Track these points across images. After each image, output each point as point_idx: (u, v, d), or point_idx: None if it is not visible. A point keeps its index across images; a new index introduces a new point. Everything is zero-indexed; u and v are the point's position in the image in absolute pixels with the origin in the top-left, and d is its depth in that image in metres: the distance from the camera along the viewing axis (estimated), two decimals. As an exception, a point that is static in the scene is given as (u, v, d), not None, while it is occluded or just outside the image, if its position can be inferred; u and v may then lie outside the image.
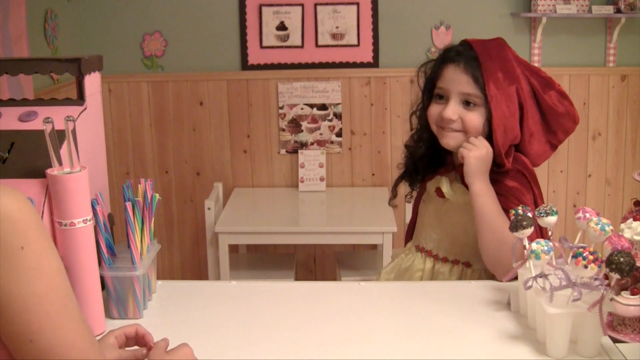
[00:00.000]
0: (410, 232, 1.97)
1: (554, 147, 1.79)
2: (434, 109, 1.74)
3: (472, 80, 1.68)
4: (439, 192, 1.78)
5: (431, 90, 1.78)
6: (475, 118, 1.69)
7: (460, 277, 1.76)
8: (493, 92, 1.67)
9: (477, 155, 1.65)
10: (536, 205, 1.70)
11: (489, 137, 1.70)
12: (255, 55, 3.73)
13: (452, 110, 1.69)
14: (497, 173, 1.70)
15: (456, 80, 1.70)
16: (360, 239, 3.34)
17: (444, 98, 1.73)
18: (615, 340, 1.30)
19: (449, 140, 1.72)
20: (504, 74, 1.69)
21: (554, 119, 1.74)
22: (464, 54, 1.71)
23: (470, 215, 1.70)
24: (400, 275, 1.85)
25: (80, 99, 1.47)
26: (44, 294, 0.87)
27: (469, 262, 1.75)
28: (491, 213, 1.62)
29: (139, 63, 3.75)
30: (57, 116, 1.31)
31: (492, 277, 1.66)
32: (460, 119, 1.69)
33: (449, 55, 1.74)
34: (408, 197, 1.99)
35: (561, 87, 1.76)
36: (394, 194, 1.95)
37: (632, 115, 3.76)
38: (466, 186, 1.69)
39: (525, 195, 1.69)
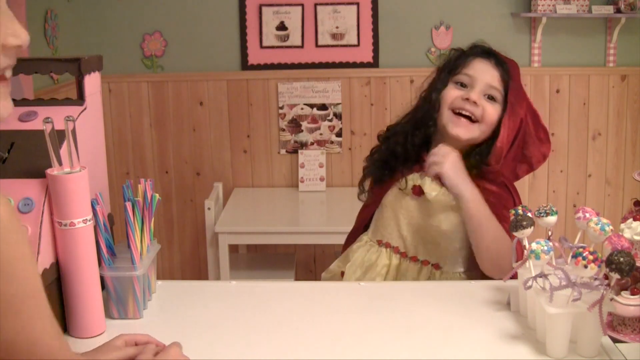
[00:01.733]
0: (358, 233, 1.94)
1: (516, 178, 1.81)
2: (453, 92, 1.74)
3: (499, 77, 1.72)
4: (417, 190, 1.76)
5: (448, 76, 1.78)
6: (494, 111, 1.71)
7: (429, 279, 1.75)
8: (511, 98, 1.70)
9: (450, 164, 1.62)
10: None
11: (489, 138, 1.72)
12: (255, 55, 3.73)
13: (478, 96, 1.71)
14: (482, 178, 1.70)
15: (487, 72, 1.73)
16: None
17: (466, 87, 1.74)
18: (615, 340, 1.30)
19: (460, 130, 1.71)
20: (519, 93, 1.74)
21: (532, 150, 1.77)
22: (494, 54, 1.76)
23: (447, 217, 1.71)
24: (366, 272, 1.82)
25: (80, 99, 1.47)
26: (14, 297, 0.87)
27: (439, 264, 1.75)
28: (488, 217, 1.62)
29: (139, 63, 3.75)
30: (57, 116, 1.31)
31: (457, 281, 1.67)
32: (482, 108, 1.70)
33: (478, 50, 1.77)
34: (362, 194, 1.93)
35: (545, 127, 1.80)
36: (360, 189, 1.92)
37: (632, 115, 3.76)
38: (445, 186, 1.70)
39: (510, 203, 1.70)
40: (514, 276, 1.40)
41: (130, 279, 1.40)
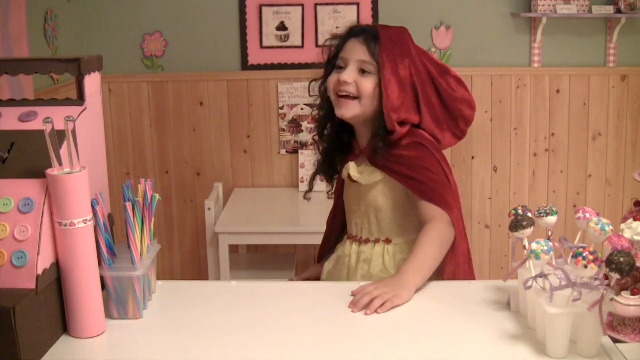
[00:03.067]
0: (330, 236, 2.05)
1: (456, 136, 1.87)
2: (333, 77, 1.83)
3: (367, 50, 1.77)
4: (350, 178, 1.84)
5: (330, 63, 1.87)
6: (369, 83, 1.76)
7: (383, 254, 1.82)
8: (384, 59, 1.74)
9: (396, 298, 1.50)
10: (447, 178, 1.78)
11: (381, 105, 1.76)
12: (255, 55, 3.73)
13: (349, 74, 1.78)
14: (394, 146, 1.75)
15: (356, 49, 1.78)
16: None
17: (342, 68, 1.81)
18: (615, 340, 1.30)
19: (343, 111, 1.79)
20: (399, 50, 1.77)
21: (452, 103, 1.82)
22: (367, 30, 1.80)
23: (378, 192, 1.80)
24: (336, 265, 1.91)
25: (80, 99, 1.47)
26: None
27: (389, 238, 1.83)
28: (430, 265, 1.62)
29: (139, 63, 3.75)
30: (57, 116, 1.31)
31: (411, 249, 1.69)
32: (355, 84, 1.76)
33: (353, 31, 1.83)
34: (330, 192, 2.05)
35: (457, 74, 1.85)
36: (310, 187, 2.05)
37: (632, 115, 3.76)
38: (374, 164, 1.78)
39: (428, 159, 1.76)
40: (514, 276, 1.40)
41: (130, 279, 1.40)
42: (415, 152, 1.76)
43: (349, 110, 1.79)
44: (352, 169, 1.84)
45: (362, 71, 1.77)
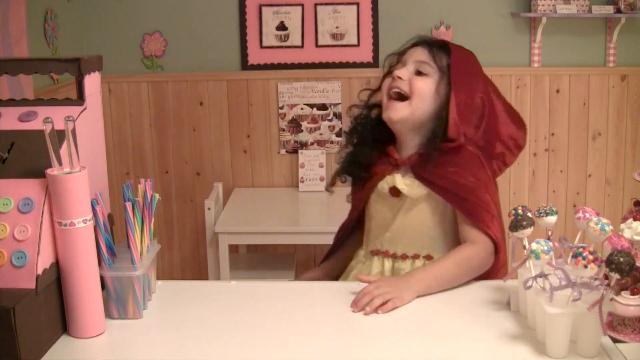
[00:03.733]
0: (339, 241, 1.96)
1: (501, 167, 1.81)
2: (388, 79, 1.79)
3: (428, 53, 1.75)
4: (394, 191, 1.76)
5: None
6: (423, 83, 1.73)
7: None
8: (455, 78, 1.71)
9: (397, 299, 1.49)
10: (490, 186, 1.73)
11: (437, 114, 1.72)
12: (255, 55, 3.73)
13: (404, 72, 1.74)
14: (442, 160, 1.70)
15: (416, 52, 1.77)
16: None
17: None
18: (615, 340, 1.30)
19: (391, 112, 1.74)
20: (469, 68, 1.76)
21: (504, 141, 1.76)
22: (434, 42, 1.78)
23: (425, 207, 1.74)
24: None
25: (80, 99, 1.47)
26: None
27: (430, 254, 1.75)
28: (444, 276, 1.58)
29: (139, 63, 3.75)
30: (57, 116, 1.31)
31: None
32: (409, 83, 1.73)
33: (416, 42, 1.81)
34: (349, 196, 1.96)
35: (520, 115, 1.80)
36: (333, 181, 1.95)
37: (632, 115, 3.76)
38: (418, 177, 1.73)
39: (478, 175, 1.70)
40: (514, 276, 1.40)
41: (130, 279, 1.40)
42: (465, 159, 1.70)
43: (397, 112, 1.73)
44: (399, 182, 1.75)
45: (419, 73, 1.74)
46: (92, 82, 1.50)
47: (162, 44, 3.73)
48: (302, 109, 3.75)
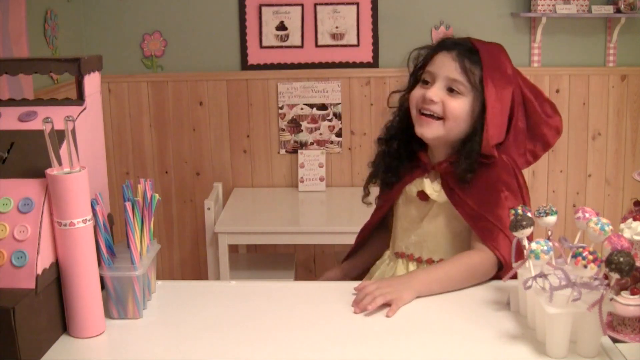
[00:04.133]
0: (360, 243, 1.95)
1: (528, 162, 1.79)
2: (417, 92, 1.72)
3: (460, 67, 1.67)
4: (422, 195, 1.75)
5: (418, 76, 1.77)
6: (457, 105, 1.67)
7: None
8: (487, 82, 1.66)
9: (399, 299, 1.47)
10: (522, 196, 1.69)
11: (472, 128, 1.69)
12: (255, 55, 3.73)
13: (435, 92, 1.67)
14: (483, 165, 1.68)
15: (445, 65, 1.68)
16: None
17: (428, 83, 1.71)
18: (615, 340, 1.30)
19: (424, 130, 1.69)
20: (501, 74, 1.69)
21: (540, 128, 1.74)
22: (461, 44, 1.71)
23: (452, 213, 1.71)
24: None
25: (80, 99, 1.47)
26: None
27: None
28: (446, 278, 1.57)
29: (139, 63, 3.75)
30: (56, 116, 1.31)
31: None
32: (442, 104, 1.67)
33: (444, 44, 1.73)
34: (375, 198, 1.93)
35: (550, 99, 1.77)
36: (366, 192, 1.92)
37: (632, 115, 3.76)
38: (444, 187, 1.70)
39: (511, 180, 1.68)
40: (514, 276, 1.40)
41: (130, 279, 1.40)
42: (511, 181, 1.67)
43: (431, 131, 1.68)
44: (427, 187, 1.73)
45: (451, 90, 1.67)
46: (92, 82, 1.50)
47: (162, 43, 3.73)
48: (301, 109, 3.75)
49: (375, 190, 1.93)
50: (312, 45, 3.72)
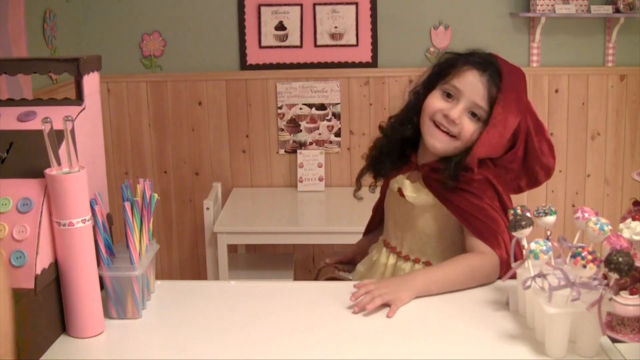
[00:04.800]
0: (373, 221, 2.01)
1: (513, 190, 1.77)
2: (438, 103, 1.69)
3: (487, 95, 1.66)
4: (401, 192, 1.77)
5: (436, 81, 1.74)
6: (474, 131, 1.67)
7: None
8: (500, 108, 1.65)
9: (398, 300, 1.48)
10: (504, 209, 1.67)
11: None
12: (254, 55, 3.73)
13: (459, 113, 1.66)
14: (464, 179, 1.67)
15: (475, 89, 1.66)
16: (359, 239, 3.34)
17: (452, 97, 1.69)
18: (614, 340, 1.30)
19: (436, 143, 1.69)
20: (515, 102, 1.68)
21: (533, 165, 1.73)
22: (491, 65, 1.69)
23: (430, 217, 1.72)
24: (369, 269, 1.88)
25: (79, 99, 1.47)
26: None
27: (429, 261, 1.75)
28: (446, 278, 1.57)
29: (138, 63, 3.75)
30: (55, 116, 1.31)
31: None
32: (460, 126, 1.67)
33: (475, 59, 1.71)
34: (372, 187, 1.95)
35: (550, 138, 1.76)
36: (358, 185, 1.94)
37: (631, 115, 3.76)
38: (428, 186, 1.72)
39: (488, 193, 1.67)
40: (513, 276, 1.40)
41: (129, 279, 1.40)
42: (476, 186, 1.67)
43: (443, 146, 1.68)
44: (407, 187, 1.75)
45: (472, 113, 1.67)
46: (91, 82, 1.50)
47: (161, 44, 3.73)
48: (300, 108, 3.75)
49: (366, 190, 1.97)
50: (311, 45, 3.72)
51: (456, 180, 1.66)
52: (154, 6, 3.69)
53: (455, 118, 1.65)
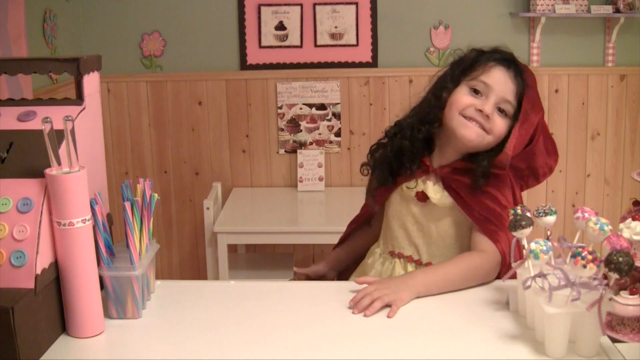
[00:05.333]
0: (358, 222, 1.96)
1: (520, 187, 1.78)
2: (466, 98, 1.69)
3: (515, 91, 1.69)
4: (421, 196, 1.75)
5: (461, 76, 1.75)
6: (504, 126, 1.68)
7: None
8: (526, 105, 1.68)
9: (398, 301, 1.48)
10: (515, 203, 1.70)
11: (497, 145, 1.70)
12: (254, 55, 3.73)
13: (490, 108, 1.67)
14: (492, 176, 1.69)
15: (505, 85, 1.69)
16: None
17: (479, 94, 1.70)
18: (614, 340, 1.30)
19: (472, 135, 1.68)
20: (536, 99, 1.72)
21: (540, 161, 1.75)
22: (514, 62, 1.73)
23: (451, 218, 1.72)
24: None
25: (79, 98, 1.47)
26: None
27: None
28: (446, 278, 1.57)
29: (138, 63, 3.75)
30: (55, 116, 1.31)
31: None
32: (491, 120, 1.67)
33: (498, 57, 1.73)
34: (372, 193, 1.90)
35: (554, 140, 1.79)
36: (370, 200, 1.91)
37: (631, 115, 3.76)
38: (448, 189, 1.71)
39: (509, 194, 1.71)
40: (513, 276, 1.40)
41: (129, 279, 1.40)
42: (498, 191, 1.69)
43: (476, 137, 1.68)
44: (430, 189, 1.74)
45: (500, 110, 1.69)
46: (91, 82, 1.50)
47: (161, 43, 3.73)
48: (301, 108, 3.75)
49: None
50: (311, 45, 3.72)
51: (487, 178, 1.67)
52: (154, 6, 3.69)
53: (489, 112, 1.66)
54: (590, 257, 1.19)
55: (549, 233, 1.45)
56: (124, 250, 1.43)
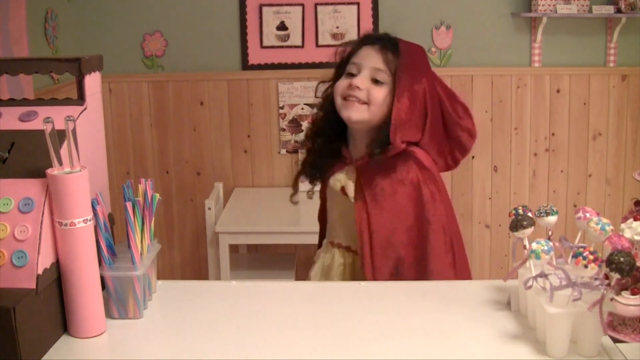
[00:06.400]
0: (322, 225, 2.03)
1: (448, 165, 1.84)
2: (343, 82, 1.78)
3: (382, 59, 1.75)
4: (344, 190, 1.81)
5: (341, 69, 1.83)
6: (381, 92, 1.74)
7: None
8: (400, 74, 1.73)
9: None
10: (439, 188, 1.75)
11: (388, 118, 1.74)
12: (256, 55, 3.73)
13: (362, 81, 1.74)
14: (392, 158, 1.74)
15: (370, 57, 1.76)
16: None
17: (354, 75, 1.77)
18: (615, 340, 1.30)
19: (350, 112, 1.75)
20: (416, 67, 1.76)
21: (454, 130, 1.79)
22: (383, 39, 1.79)
23: None
24: (326, 275, 1.88)
25: (81, 98, 1.47)
26: None
27: None
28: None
29: (140, 63, 3.75)
30: (57, 116, 1.31)
31: None
32: (367, 92, 1.73)
33: (367, 39, 1.81)
34: (309, 193, 2.08)
35: (464, 102, 1.83)
36: (294, 189, 2.05)
37: (632, 115, 3.76)
38: (357, 183, 1.77)
39: (422, 173, 1.75)
40: (515, 276, 1.40)
41: (131, 279, 1.40)
42: (406, 175, 1.74)
43: (357, 113, 1.75)
44: (349, 186, 1.80)
45: (375, 81, 1.75)
46: (93, 82, 1.50)
47: (162, 43, 3.73)
48: (302, 108, 3.75)
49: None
50: (312, 45, 3.72)
51: (381, 149, 1.72)
52: (156, 6, 3.69)
53: (358, 84, 1.74)
54: (591, 257, 1.19)
55: (550, 233, 1.45)
56: (126, 250, 1.43)
